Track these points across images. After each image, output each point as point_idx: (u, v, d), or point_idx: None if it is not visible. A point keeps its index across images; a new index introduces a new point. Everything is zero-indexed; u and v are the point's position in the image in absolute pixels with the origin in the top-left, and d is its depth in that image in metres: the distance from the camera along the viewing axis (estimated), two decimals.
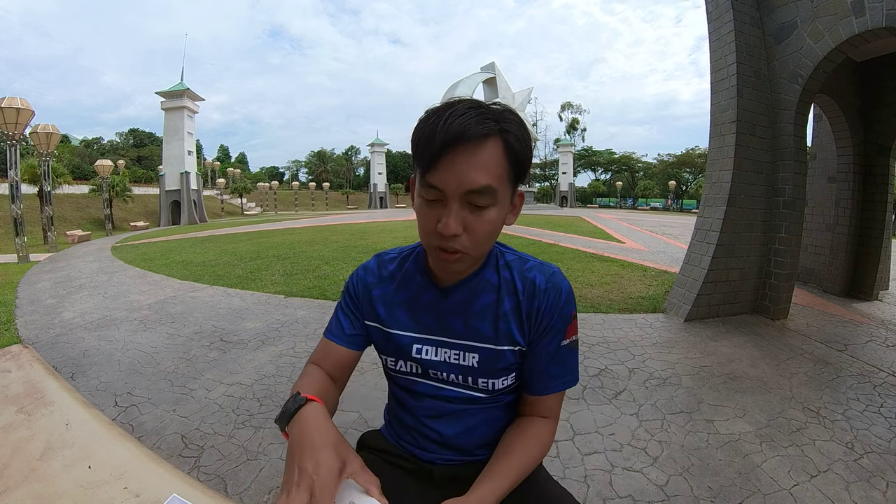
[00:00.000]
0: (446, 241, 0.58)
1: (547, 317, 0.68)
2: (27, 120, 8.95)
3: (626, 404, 2.24)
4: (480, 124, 0.55)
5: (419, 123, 0.58)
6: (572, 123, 50.65)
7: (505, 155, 0.57)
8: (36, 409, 0.85)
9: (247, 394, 2.35)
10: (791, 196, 3.76)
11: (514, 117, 0.59)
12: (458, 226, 0.57)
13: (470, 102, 0.58)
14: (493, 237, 0.62)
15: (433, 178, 0.56)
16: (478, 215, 0.58)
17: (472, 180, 0.55)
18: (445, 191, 0.56)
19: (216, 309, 4.06)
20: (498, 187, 0.57)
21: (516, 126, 0.58)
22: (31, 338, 3.35)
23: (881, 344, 3.24)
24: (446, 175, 0.55)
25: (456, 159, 0.55)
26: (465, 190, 0.56)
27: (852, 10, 3.09)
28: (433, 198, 0.58)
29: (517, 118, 0.59)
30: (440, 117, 0.55)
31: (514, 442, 0.70)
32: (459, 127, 0.54)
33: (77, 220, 20.65)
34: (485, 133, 0.55)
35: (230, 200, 34.64)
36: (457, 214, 0.57)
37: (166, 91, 22.86)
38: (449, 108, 0.56)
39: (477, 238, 0.59)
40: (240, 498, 1.55)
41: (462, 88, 22.85)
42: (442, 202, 0.58)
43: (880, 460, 1.77)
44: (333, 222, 14.23)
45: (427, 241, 0.63)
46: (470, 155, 0.55)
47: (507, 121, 0.58)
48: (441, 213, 0.58)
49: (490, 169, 0.56)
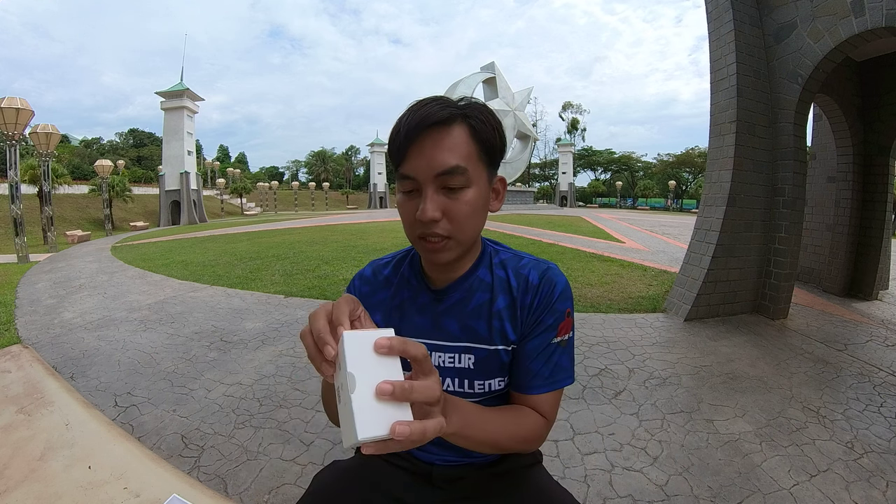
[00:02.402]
0: (427, 227, 0.59)
1: (538, 312, 0.67)
2: (27, 120, 8.94)
3: (626, 404, 2.24)
4: (443, 111, 0.57)
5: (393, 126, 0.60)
6: (573, 123, 50.67)
7: (471, 137, 0.59)
8: (36, 409, 0.85)
9: (247, 394, 2.35)
10: (791, 196, 3.76)
11: (478, 105, 0.61)
12: (436, 210, 0.58)
13: (434, 97, 0.60)
14: (475, 220, 0.62)
15: (405, 167, 0.59)
16: (454, 198, 0.59)
17: (441, 161, 0.57)
18: (418, 177, 0.58)
19: (216, 309, 4.06)
20: (469, 167, 0.58)
21: (480, 112, 0.60)
22: (30, 338, 3.34)
23: (881, 343, 3.24)
24: (416, 161, 0.58)
25: (424, 145, 0.57)
26: (435, 172, 0.57)
27: (852, 10, 3.09)
28: (409, 188, 0.60)
29: (482, 106, 0.62)
30: (406, 114, 0.59)
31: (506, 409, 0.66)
32: (423, 115, 0.57)
33: (77, 221, 20.65)
34: (447, 117, 0.57)
35: (230, 200, 34.62)
36: (433, 199, 0.58)
37: (166, 91, 22.84)
38: (414, 105, 0.60)
39: (457, 221, 0.60)
40: (240, 498, 1.55)
41: (462, 88, 22.83)
42: (418, 191, 0.60)
43: (880, 460, 1.77)
44: (333, 222, 14.23)
45: (411, 234, 0.63)
46: (436, 139, 0.57)
47: (470, 108, 0.60)
48: (418, 203, 0.59)
49: (457, 150, 0.58)
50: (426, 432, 0.40)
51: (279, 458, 1.78)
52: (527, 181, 45.20)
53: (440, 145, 0.57)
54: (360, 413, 0.37)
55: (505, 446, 0.61)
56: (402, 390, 0.39)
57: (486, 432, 0.57)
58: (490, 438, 0.58)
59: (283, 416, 2.11)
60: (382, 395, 0.38)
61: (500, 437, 0.60)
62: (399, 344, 0.41)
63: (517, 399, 0.70)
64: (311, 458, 1.77)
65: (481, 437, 0.57)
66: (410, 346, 0.41)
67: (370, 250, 7.36)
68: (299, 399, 2.29)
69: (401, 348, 0.41)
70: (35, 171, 15.30)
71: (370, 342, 0.40)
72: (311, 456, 1.80)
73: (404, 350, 0.41)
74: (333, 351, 0.41)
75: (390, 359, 0.40)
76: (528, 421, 0.65)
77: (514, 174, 26.37)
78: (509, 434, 0.62)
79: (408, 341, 0.41)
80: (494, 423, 0.60)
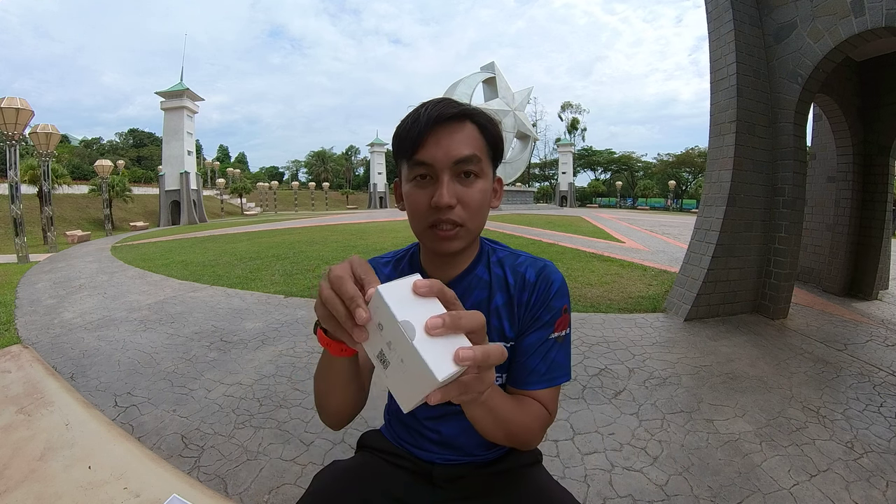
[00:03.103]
0: (442, 213, 0.61)
1: (535, 308, 0.68)
2: (27, 120, 8.93)
3: (626, 404, 2.24)
4: (454, 109, 0.62)
5: (399, 124, 0.64)
6: (572, 123, 50.67)
7: (481, 134, 0.64)
8: (36, 409, 0.85)
9: (247, 394, 2.35)
10: (791, 196, 3.76)
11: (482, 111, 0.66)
12: (452, 196, 0.60)
13: (441, 98, 0.64)
14: (484, 211, 0.65)
15: (422, 154, 0.61)
16: (468, 186, 0.62)
17: (458, 150, 0.61)
18: (435, 164, 0.61)
19: (216, 309, 4.06)
20: (482, 158, 0.63)
21: (485, 116, 0.65)
22: (30, 338, 3.34)
23: (881, 343, 3.24)
24: (434, 150, 0.60)
25: (440, 135, 0.61)
26: (453, 160, 0.60)
27: (852, 10, 3.09)
28: (423, 173, 0.62)
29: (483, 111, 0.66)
30: (419, 110, 0.62)
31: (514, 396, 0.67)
32: (439, 110, 0.61)
33: (77, 221, 20.65)
34: (460, 115, 0.62)
35: (230, 200, 34.60)
36: (449, 186, 0.61)
37: (166, 91, 22.83)
38: (426, 103, 0.63)
39: (471, 209, 0.62)
40: (240, 498, 1.55)
41: (462, 88, 22.86)
42: (432, 178, 0.62)
43: (880, 460, 1.77)
44: (333, 222, 14.23)
45: (422, 223, 0.63)
46: (451, 131, 0.61)
47: (475, 110, 0.65)
48: (433, 191, 0.61)
49: (472, 142, 0.62)
50: (489, 355, 0.38)
51: (279, 458, 1.78)
52: (527, 181, 45.17)
53: (455, 137, 0.61)
54: (429, 356, 0.35)
55: (514, 431, 0.61)
56: (452, 318, 0.37)
57: (505, 409, 0.58)
58: (507, 416, 0.58)
59: (283, 416, 2.11)
60: (434, 329, 0.36)
61: (513, 419, 0.60)
62: (435, 283, 0.40)
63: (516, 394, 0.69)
64: (311, 458, 1.77)
65: (501, 412, 0.57)
66: (442, 286, 0.40)
67: (370, 250, 7.36)
68: (299, 399, 2.29)
69: (439, 287, 0.40)
70: (35, 171, 15.29)
71: (408, 288, 0.39)
72: (311, 456, 1.80)
73: (441, 290, 0.40)
74: (366, 314, 0.38)
75: (429, 301, 0.39)
76: (533, 409, 0.66)
77: (514, 174, 26.37)
78: (519, 419, 0.62)
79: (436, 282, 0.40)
80: (510, 402, 0.61)
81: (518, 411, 0.62)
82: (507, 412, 0.59)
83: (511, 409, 0.60)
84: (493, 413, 0.56)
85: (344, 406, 0.64)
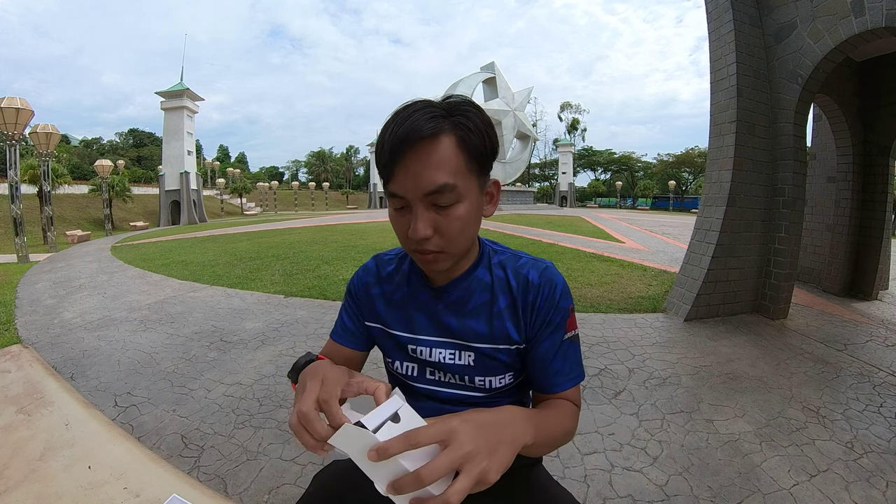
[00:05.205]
0: (420, 244, 0.59)
1: (543, 312, 0.67)
2: (27, 120, 8.93)
3: (626, 404, 2.24)
4: (428, 123, 0.54)
5: (378, 135, 0.59)
6: (573, 123, 50.68)
7: (459, 149, 0.56)
8: (36, 409, 0.85)
9: (247, 394, 2.35)
10: (791, 196, 3.77)
11: (468, 108, 0.58)
12: (427, 228, 0.57)
13: (420, 104, 0.57)
14: (468, 232, 0.61)
15: (392, 186, 0.57)
16: (445, 214, 0.57)
17: (429, 180, 0.55)
18: (406, 196, 0.57)
19: (216, 309, 4.06)
20: (458, 182, 0.56)
21: (468, 116, 0.57)
22: (30, 338, 3.34)
23: (881, 343, 3.24)
24: (403, 180, 0.56)
25: (409, 163, 0.55)
26: (423, 192, 0.55)
27: (852, 10, 3.09)
28: (398, 206, 0.59)
29: (473, 107, 0.59)
30: (390, 125, 0.56)
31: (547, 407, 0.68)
32: (407, 130, 0.54)
33: (77, 220, 20.64)
34: (433, 131, 0.54)
35: (230, 200, 34.59)
36: (423, 217, 0.57)
37: (166, 91, 22.83)
38: (398, 114, 0.56)
39: (449, 236, 0.59)
40: (240, 498, 1.55)
41: (462, 88, 22.82)
42: (408, 207, 0.58)
43: (880, 460, 1.77)
44: (333, 222, 14.22)
45: (405, 247, 0.64)
46: (421, 155, 0.54)
47: (460, 113, 0.57)
48: (410, 220, 0.58)
49: (445, 166, 0.55)
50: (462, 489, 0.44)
51: (279, 458, 1.78)
52: (527, 181, 45.19)
53: (427, 163, 0.54)
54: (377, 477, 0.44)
55: (560, 440, 0.64)
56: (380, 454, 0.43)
57: (549, 426, 0.60)
58: (554, 434, 0.62)
59: (283, 416, 2.11)
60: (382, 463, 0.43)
61: (557, 428, 0.63)
62: (390, 448, 0.42)
63: (540, 399, 0.71)
64: (311, 458, 1.77)
65: (550, 436, 0.60)
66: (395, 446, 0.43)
67: (370, 250, 7.36)
68: None
69: (392, 452, 0.42)
70: (35, 171, 15.28)
71: (366, 437, 0.44)
72: (311, 456, 1.79)
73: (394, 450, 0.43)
74: (326, 452, 0.48)
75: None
76: (567, 410, 0.68)
77: (514, 174, 26.36)
78: (561, 426, 0.64)
79: (391, 446, 0.43)
80: (551, 417, 0.63)
81: (558, 420, 0.64)
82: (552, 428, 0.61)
83: (553, 423, 0.62)
84: (547, 440, 0.59)
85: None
